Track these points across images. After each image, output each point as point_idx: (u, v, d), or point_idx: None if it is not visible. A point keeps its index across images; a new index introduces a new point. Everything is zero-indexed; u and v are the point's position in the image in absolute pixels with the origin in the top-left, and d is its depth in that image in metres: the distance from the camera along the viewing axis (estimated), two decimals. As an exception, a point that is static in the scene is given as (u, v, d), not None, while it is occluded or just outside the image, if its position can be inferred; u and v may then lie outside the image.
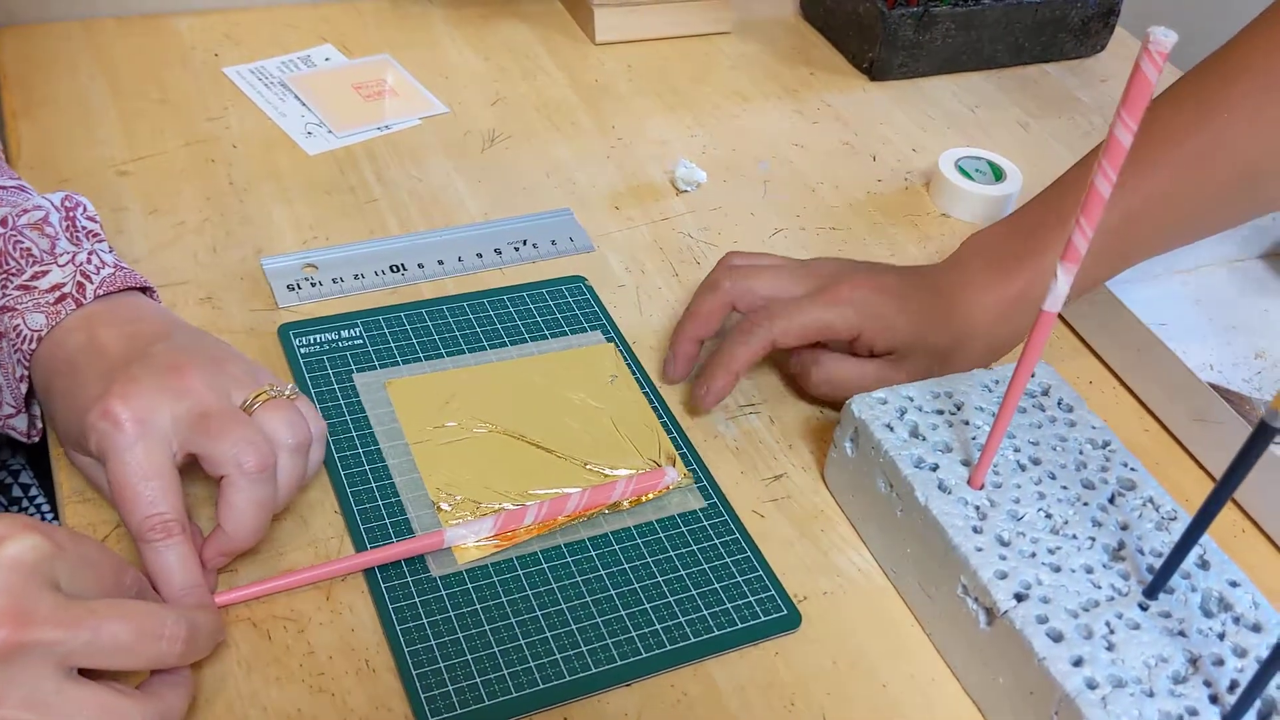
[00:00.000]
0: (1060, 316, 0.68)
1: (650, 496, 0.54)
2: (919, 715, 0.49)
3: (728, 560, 0.53)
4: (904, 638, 0.51)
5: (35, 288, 0.50)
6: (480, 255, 0.68)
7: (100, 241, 0.55)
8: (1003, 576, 0.47)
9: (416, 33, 0.87)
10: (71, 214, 0.55)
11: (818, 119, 0.84)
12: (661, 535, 0.53)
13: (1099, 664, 0.44)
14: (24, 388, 0.51)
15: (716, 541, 0.53)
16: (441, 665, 0.47)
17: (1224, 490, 0.43)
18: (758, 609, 0.51)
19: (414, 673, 0.46)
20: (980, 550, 0.48)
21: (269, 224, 0.67)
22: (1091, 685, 0.43)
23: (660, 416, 0.59)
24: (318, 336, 0.60)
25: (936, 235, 0.74)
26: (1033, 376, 0.56)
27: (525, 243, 0.69)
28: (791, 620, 0.51)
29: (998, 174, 0.77)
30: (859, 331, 0.57)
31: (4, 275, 0.51)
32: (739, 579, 0.52)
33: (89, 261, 0.52)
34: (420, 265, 0.66)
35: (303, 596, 0.49)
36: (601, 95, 0.83)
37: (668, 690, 0.48)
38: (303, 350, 0.59)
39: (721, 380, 0.57)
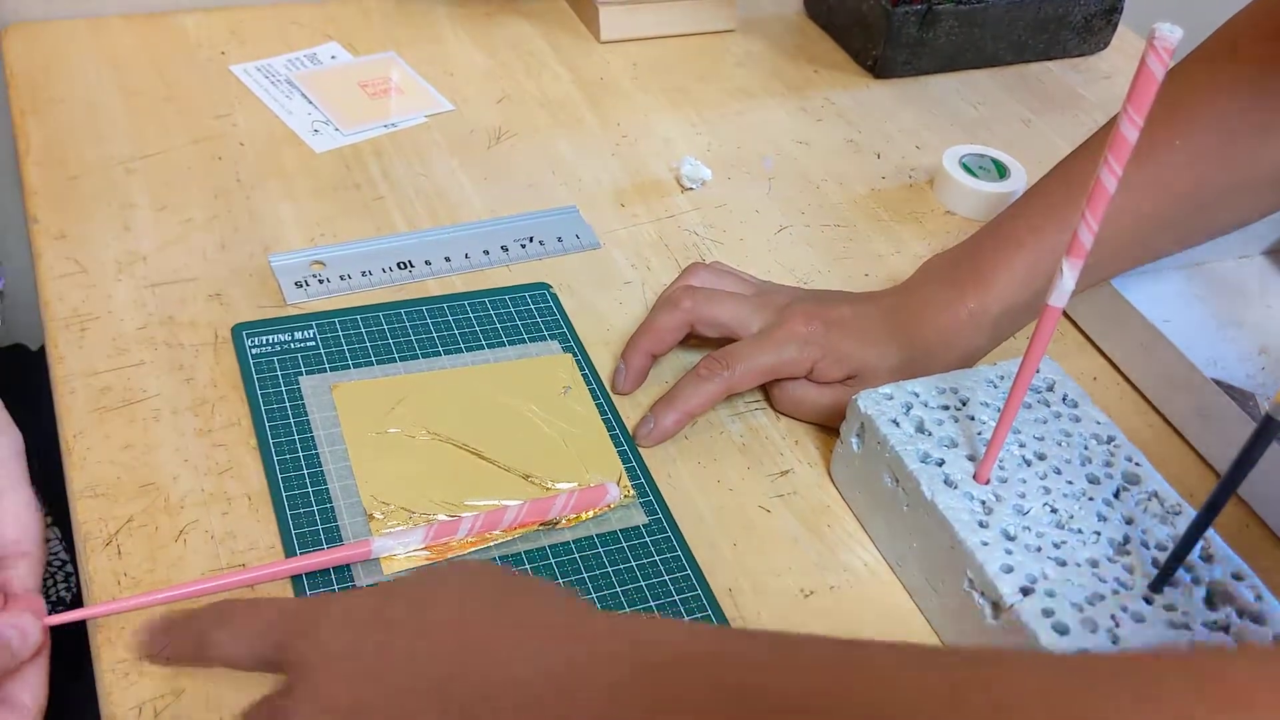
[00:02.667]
0: (1064, 313, 0.68)
1: (590, 514, 0.54)
2: (925, 708, 0.49)
3: (666, 578, 0.52)
4: (910, 632, 0.52)
5: None
6: (487, 252, 0.68)
7: None
8: (1009, 570, 0.47)
9: (422, 30, 0.87)
10: None
11: (822, 116, 0.84)
12: (601, 551, 0.53)
13: (1104, 657, 0.44)
14: None
15: (657, 559, 0.53)
16: None
17: (1229, 485, 0.43)
18: None
19: None
20: (986, 544, 0.48)
21: (276, 221, 0.68)
22: (1097, 678, 0.44)
23: (612, 429, 0.58)
24: (271, 338, 0.59)
25: (940, 232, 0.75)
26: (1037, 372, 0.56)
27: (532, 239, 0.69)
28: None
29: (1001, 171, 0.77)
30: (813, 364, 0.58)
31: None
32: (676, 598, 0.51)
33: None
34: (428, 262, 0.66)
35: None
36: (606, 93, 0.84)
37: (676, 684, 0.48)
38: (254, 351, 0.59)
39: (672, 420, 0.58)
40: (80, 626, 0.47)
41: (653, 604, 0.51)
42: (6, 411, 0.50)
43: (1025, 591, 0.47)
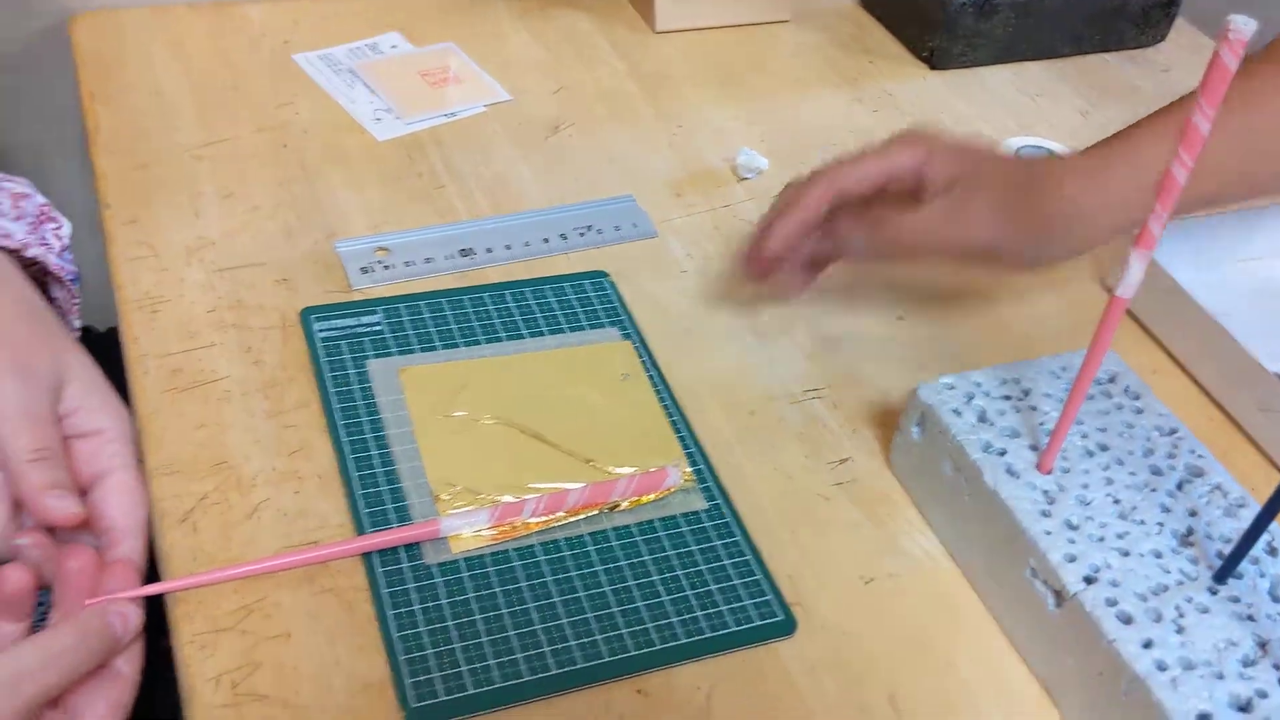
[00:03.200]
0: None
1: (651, 498, 0.54)
2: (985, 694, 0.49)
3: (726, 563, 0.53)
4: (970, 619, 0.52)
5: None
6: (546, 240, 0.69)
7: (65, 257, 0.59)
8: (1072, 560, 0.48)
9: (479, 22, 0.88)
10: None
11: (878, 107, 0.84)
12: (662, 534, 0.53)
13: (1169, 646, 0.45)
14: None
15: (717, 543, 0.53)
16: (429, 651, 0.47)
17: (1297, 476, 0.43)
18: (753, 613, 0.51)
19: (400, 658, 0.47)
20: (1049, 534, 0.48)
21: (340, 208, 0.69)
22: (1162, 667, 0.44)
23: (671, 415, 0.59)
24: (338, 322, 0.61)
25: (998, 224, 0.75)
26: (1099, 364, 0.56)
27: (590, 228, 0.70)
28: (786, 626, 0.50)
29: (1059, 163, 0.77)
30: (924, 158, 0.57)
31: None
32: (735, 582, 0.52)
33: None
34: (489, 249, 0.67)
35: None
36: (662, 84, 0.84)
37: (739, 666, 0.49)
38: (322, 335, 0.60)
39: (790, 225, 0.57)
40: (158, 601, 0.49)
41: (713, 587, 0.51)
42: (116, 393, 0.52)
43: (1089, 580, 0.47)
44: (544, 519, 0.53)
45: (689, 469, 0.56)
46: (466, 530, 0.52)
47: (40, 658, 0.42)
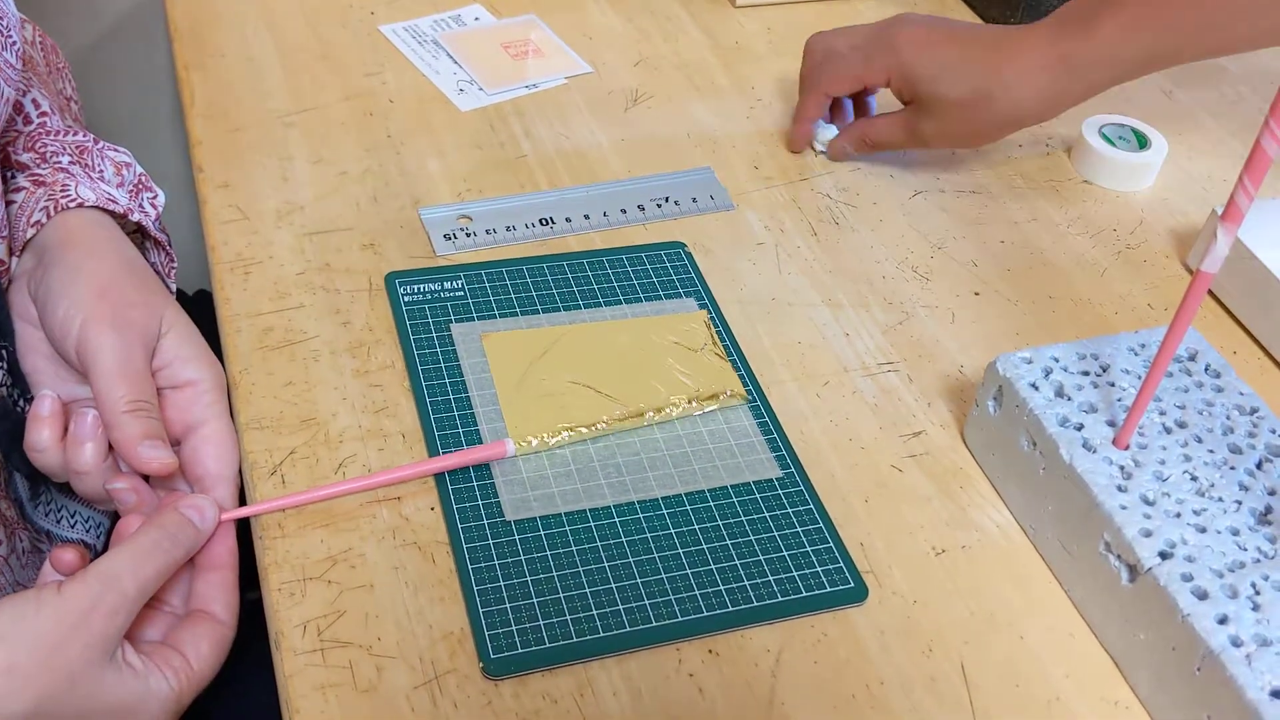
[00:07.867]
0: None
1: (704, 401, 0.57)
2: (1056, 667, 0.49)
3: (799, 530, 0.53)
4: (1041, 592, 0.52)
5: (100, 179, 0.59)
6: (624, 211, 0.70)
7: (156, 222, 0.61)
8: (1147, 535, 0.48)
9: (561, -6, 0.89)
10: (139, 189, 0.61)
11: (957, 84, 0.84)
12: (735, 500, 0.54)
13: (1244, 623, 0.44)
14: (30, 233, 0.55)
15: (790, 510, 0.54)
16: (508, 605, 0.49)
17: (1381, 456, 0.43)
18: (824, 579, 0.51)
19: (480, 610, 0.48)
20: (1125, 508, 0.48)
21: (425, 176, 0.70)
22: (1236, 643, 0.44)
23: (746, 385, 0.60)
24: (422, 286, 0.62)
25: (1079, 202, 0.74)
26: (1179, 342, 0.56)
27: (667, 199, 0.71)
28: (857, 593, 0.51)
29: (1142, 141, 0.76)
30: (894, 74, 0.68)
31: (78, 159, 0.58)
32: (808, 549, 0.52)
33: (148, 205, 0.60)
34: (568, 219, 0.68)
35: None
36: (741, 57, 0.84)
37: (809, 630, 0.50)
38: (406, 299, 0.61)
39: (800, 129, 0.74)
40: (249, 556, 0.51)
41: (785, 553, 0.52)
42: (208, 347, 0.54)
43: (1164, 556, 0.47)
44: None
45: (742, 391, 0.59)
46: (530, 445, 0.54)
47: (132, 555, 0.44)
